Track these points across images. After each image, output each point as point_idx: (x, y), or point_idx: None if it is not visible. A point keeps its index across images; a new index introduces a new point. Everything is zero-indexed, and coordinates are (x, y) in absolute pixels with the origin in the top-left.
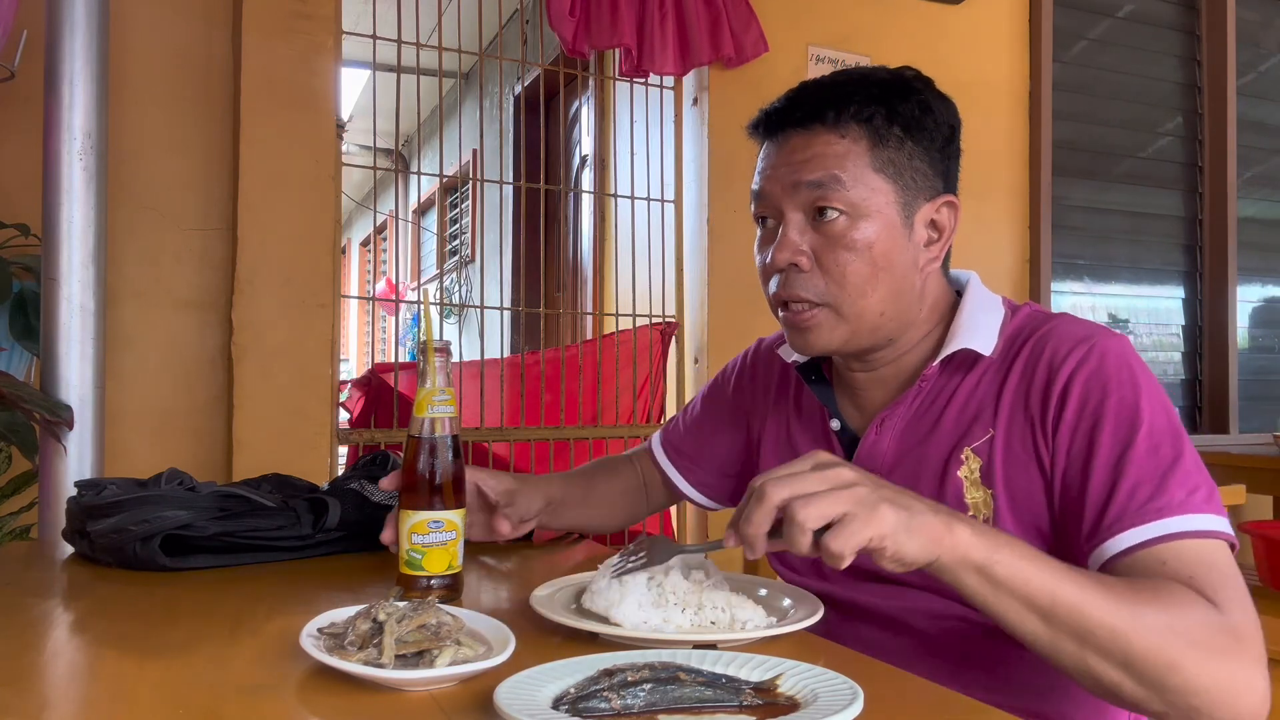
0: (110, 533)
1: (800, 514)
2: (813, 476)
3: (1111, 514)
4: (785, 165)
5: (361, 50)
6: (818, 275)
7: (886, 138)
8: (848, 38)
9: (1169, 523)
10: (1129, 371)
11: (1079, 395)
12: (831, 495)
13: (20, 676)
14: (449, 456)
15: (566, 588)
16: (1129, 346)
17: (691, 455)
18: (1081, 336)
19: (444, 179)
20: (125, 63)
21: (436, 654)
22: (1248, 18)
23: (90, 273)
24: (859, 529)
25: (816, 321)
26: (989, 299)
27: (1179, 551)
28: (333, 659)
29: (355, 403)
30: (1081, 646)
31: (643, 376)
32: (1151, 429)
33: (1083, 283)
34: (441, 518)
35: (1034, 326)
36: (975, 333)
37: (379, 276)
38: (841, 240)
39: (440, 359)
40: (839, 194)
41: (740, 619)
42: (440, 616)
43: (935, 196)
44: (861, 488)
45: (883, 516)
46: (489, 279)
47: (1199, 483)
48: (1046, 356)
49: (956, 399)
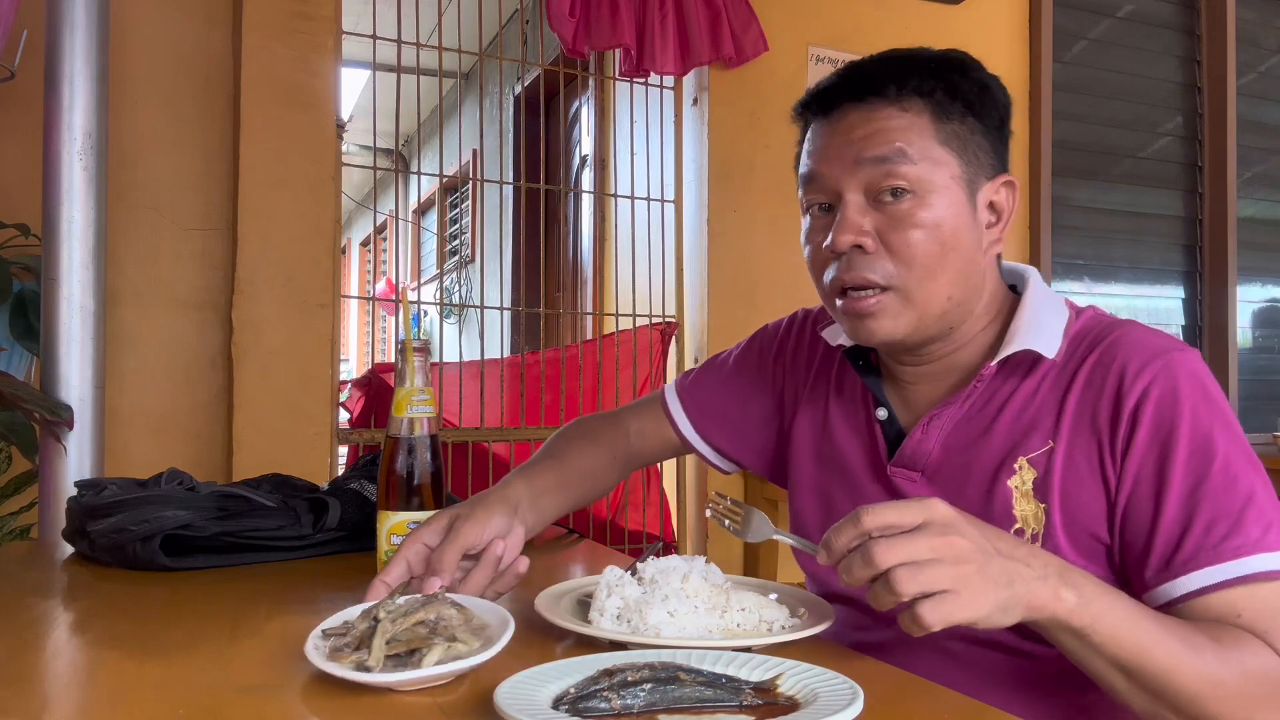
0: (110, 532)
1: (902, 585)
2: (924, 543)
3: (1186, 551)
4: (843, 143)
5: (361, 50)
6: (884, 256)
7: (950, 111)
8: (848, 38)
9: (1245, 563)
10: (1203, 393)
11: (1152, 418)
12: (939, 569)
13: (20, 676)
14: (428, 457)
15: (571, 592)
16: (1202, 363)
17: (715, 415)
18: (1156, 350)
19: (444, 179)
20: (125, 63)
21: (425, 652)
22: (1248, 18)
23: (90, 273)
24: (956, 610)
25: (881, 307)
26: (1053, 297)
27: (1254, 598)
28: (326, 663)
29: (355, 403)
30: (1156, 701)
31: (643, 376)
32: (1227, 461)
33: (1083, 283)
34: (421, 518)
35: (1101, 331)
36: (1039, 333)
37: (379, 276)
38: (909, 218)
39: (419, 358)
40: (905, 169)
41: (767, 619)
42: (442, 610)
43: (995, 175)
44: (970, 565)
45: (984, 600)
46: (489, 279)
47: (1274, 519)
48: (1116, 368)
49: (1013, 403)
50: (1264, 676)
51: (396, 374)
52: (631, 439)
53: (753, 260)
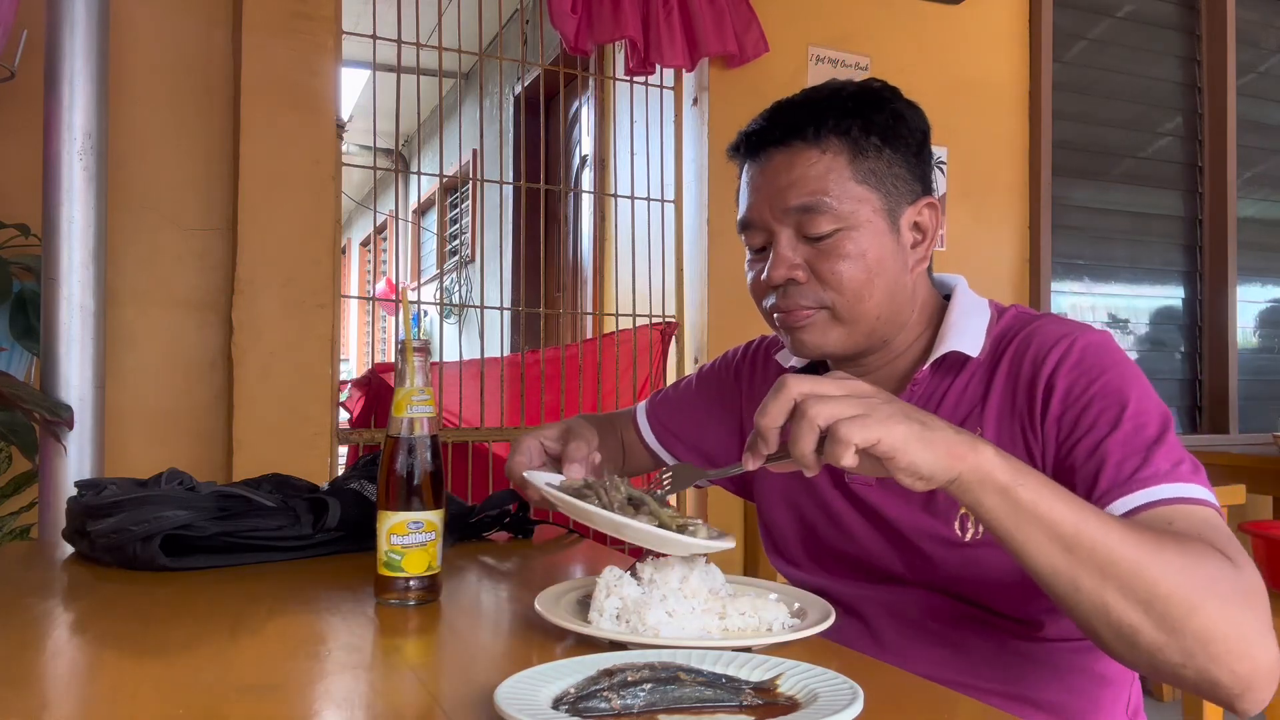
0: (110, 533)
1: (811, 409)
2: (831, 383)
3: (1100, 488)
4: (770, 188)
5: (361, 50)
6: (815, 285)
7: (865, 148)
8: (848, 38)
9: (1158, 490)
10: (1111, 360)
11: (1064, 386)
12: (847, 399)
13: (20, 676)
14: (428, 456)
15: (571, 592)
16: (1110, 340)
17: (680, 434)
18: (1064, 333)
19: (444, 179)
20: (125, 63)
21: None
22: (1248, 18)
23: (90, 273)
24: (870, 425)
25: (813, 322)
26: (976, 302)
27: (1185, 514)
28: (625, 519)
29: (355, 403)
30: (1103, 581)
31: (643, 376)
32: (1138, 409)
33: (1082, 283)
34: (421, 518)
35: (1019, 326)
36: (963, 335)
37: (379, 276)
38: (835, 251)
39: (419, 358)
40: (826, 214)
41: (767, 620)
42: None
43: (916, 199)
44: (878, 399)
45: (895, 423)
46: (489, 279)
47: (1183, 457)
48: (1031, 354)
49: (947, 400)
50: (1204, 559)
51: (396, 374)
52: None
53: None
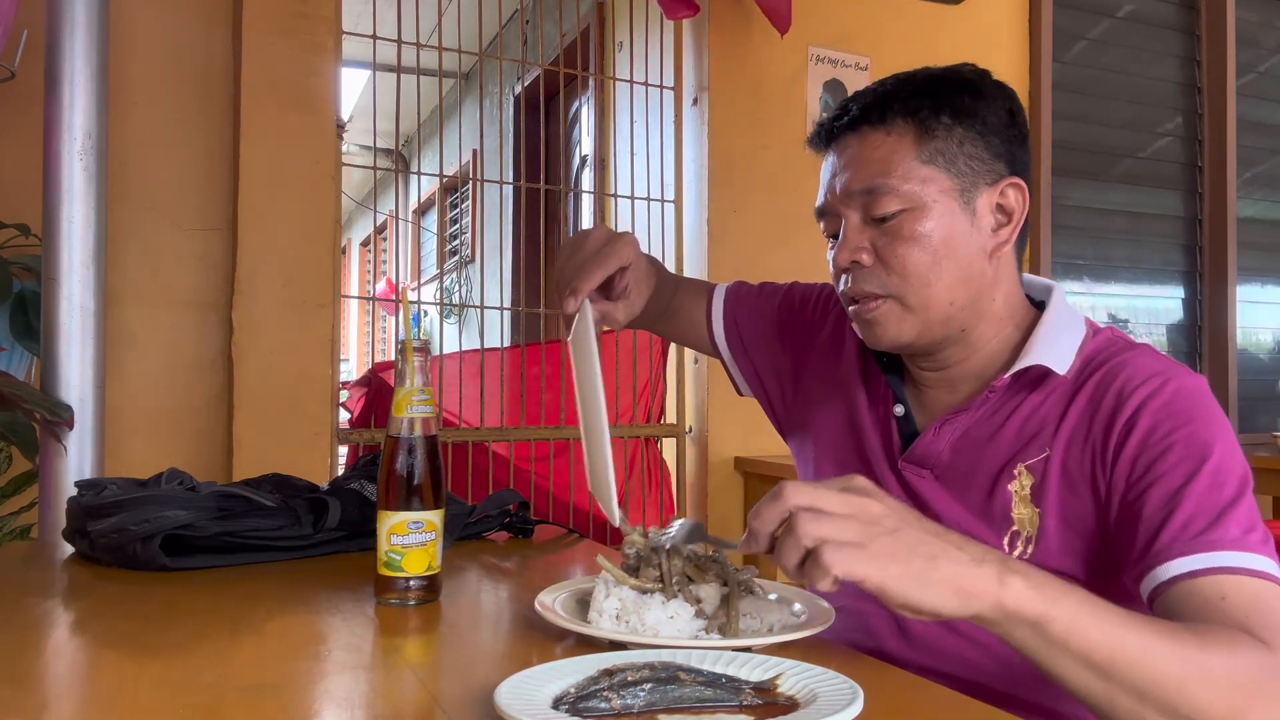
0: (111, 532)
1: (801, 526)
2: (835, 498)
3: (1163, 540)
4: (838, 175)
5: (361, 50)
6: (880, 269)
7: (934, 127)
8: (848, 38)
9: (1222, 556)
10: (1202, 409)
11: (1146, 425)
12: (845, 521)
13: (20, 676)
14: (428, 456)
15: (571, 592)
16: (1204, 386)
17: (745, 338)
18: (1156, 370)
19: (444, 179)
20: (125, 63)
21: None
22: (1248, 18)
23: (90, 273)
24: (857, 559)
25: (883, 313)
26: (1072, 316)
27: (1240, 588)
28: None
29: (355, 403)
30: (1141, 703)
31: (643, 377)
32: (1219, 466)
33: (1083, 283)
34: (421, 518)
35: (1112, 352)
36: (1053, 350)
37: (379, 276)
38: (900, 233)
39: (419, 358)
40: (889, 196)
41: (767, 620)
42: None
43: (998, 180)
44: (882, 527)
45: (893, 562)
46: (489, 279)
47: (1255, 524)
48: (1118, 385)
49: (1020, 413)
50: (1244, 659)
51: (396, 374)
52: (673, 312)
53: (753, 260)
